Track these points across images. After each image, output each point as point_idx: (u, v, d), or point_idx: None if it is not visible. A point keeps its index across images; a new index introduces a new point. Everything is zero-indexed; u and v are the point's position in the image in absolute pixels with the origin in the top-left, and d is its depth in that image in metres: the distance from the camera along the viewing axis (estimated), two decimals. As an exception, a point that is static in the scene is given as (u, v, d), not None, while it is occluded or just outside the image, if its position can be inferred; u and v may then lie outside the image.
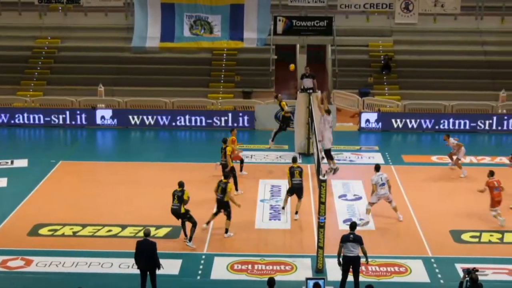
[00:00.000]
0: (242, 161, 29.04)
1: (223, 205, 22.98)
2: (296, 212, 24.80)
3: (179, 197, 22.30)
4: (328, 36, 41.66)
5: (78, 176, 29.14)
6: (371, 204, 24.36)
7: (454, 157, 29.42)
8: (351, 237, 19.03)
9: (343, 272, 19.09)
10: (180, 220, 22.58)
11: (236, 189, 26.65)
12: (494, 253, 22.12)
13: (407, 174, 29.24)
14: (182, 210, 22.31)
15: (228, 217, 23.04)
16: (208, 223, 23.37)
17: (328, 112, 29.48)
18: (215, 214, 23.29)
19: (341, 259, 19.11)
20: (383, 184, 24.31)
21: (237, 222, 24.11)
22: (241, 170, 28.74)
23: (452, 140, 29.48)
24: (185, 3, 38.67)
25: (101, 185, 28.23)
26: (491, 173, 24.52)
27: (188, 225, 22.48)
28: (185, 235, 22.71)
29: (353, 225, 19.46)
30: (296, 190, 24.74)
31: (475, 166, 30.41)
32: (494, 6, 44.11)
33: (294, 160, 25.64)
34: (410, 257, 21.71)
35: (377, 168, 24.76)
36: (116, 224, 23.88)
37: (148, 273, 18.86)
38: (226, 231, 23.11)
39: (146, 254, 18.72)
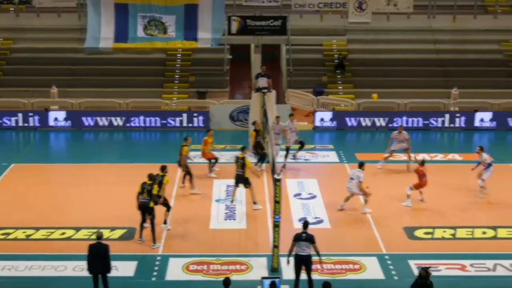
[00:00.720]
0: (215, 161, 28.85)
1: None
2: (254, 203, 25.29)
3: (149, 190, 22.14)
4: (283, 36, 41.81)
5: (31, 179, 28.77)
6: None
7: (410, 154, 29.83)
8: (304, 236, 19.08)
9: (295, 270, 19.14)
10: (141, 217, 22.34)
11: (192, 187, 26.77)
12: (447, 249, 22.33)
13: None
14: (151, 205, 22.10)
15: (153, 220, 22.46)
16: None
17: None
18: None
19: (290, 258, 19.15)
20: (351, 179, 25.01)
21: (193, 222, 24.11)
22: (210, 172, 28.69)
23: (405, 133, 29.92)
24: (139, 3, 38.36)
25: (54, 187, 27.94)
26: (423, 163, 25.92)
27: (149, 224, 22.35)
28: (140, 235, 22.60)
29: (305, 224, 19.52)
30: (237, 180, 25.62)
31: (428, 164, 30.78)
32: (446, 5, 44.68)
33: (242, 149, 26.11)
34: (364, 254, 21.82)
35: (360, 164, 25.43)
36: (70, 226, 23.61)
37: (100, 276, 18.75)
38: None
39: (99, 257, 18.59)
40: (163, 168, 23.23)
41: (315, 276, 19.78)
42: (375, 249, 22.25)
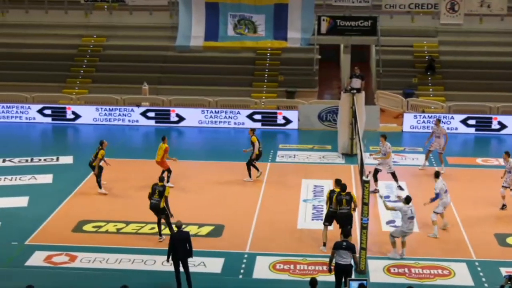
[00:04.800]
0: (169, 171, 27.32)
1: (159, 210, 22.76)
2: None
3: (160, 192, 22.42)
4: (372, 36, 41.50)
5: (120, 174, 28.97)
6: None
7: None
8: (344, 245, 18.83)
9: (336, 279, 18.87)
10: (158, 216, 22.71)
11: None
12: (540, 257, 21.82)
13: (447, 176, 28.79)
14: (161, 205, 22.41)
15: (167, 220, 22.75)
16: None
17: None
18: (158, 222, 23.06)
19: (332, 266, 18.86)
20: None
21: (280, 221, 24.13)
22: (168, 181, 26.75)
23: (442, 125, 29.99)
24: (229, 3, 38.65)
25: (142, 182, 27.62)
26: None
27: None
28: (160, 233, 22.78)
29: (346, 233, 19.40)
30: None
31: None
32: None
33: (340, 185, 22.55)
34: (454, 260, 21.48)
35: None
36: (159, 222, 23.97)
37: (181, 262, 19.25)
38: None
39: (181, 244, 19.16)
40: (161, 179, 23.29)
41: (401, 279, 19.60)
42: (465, 255, 21.86)
